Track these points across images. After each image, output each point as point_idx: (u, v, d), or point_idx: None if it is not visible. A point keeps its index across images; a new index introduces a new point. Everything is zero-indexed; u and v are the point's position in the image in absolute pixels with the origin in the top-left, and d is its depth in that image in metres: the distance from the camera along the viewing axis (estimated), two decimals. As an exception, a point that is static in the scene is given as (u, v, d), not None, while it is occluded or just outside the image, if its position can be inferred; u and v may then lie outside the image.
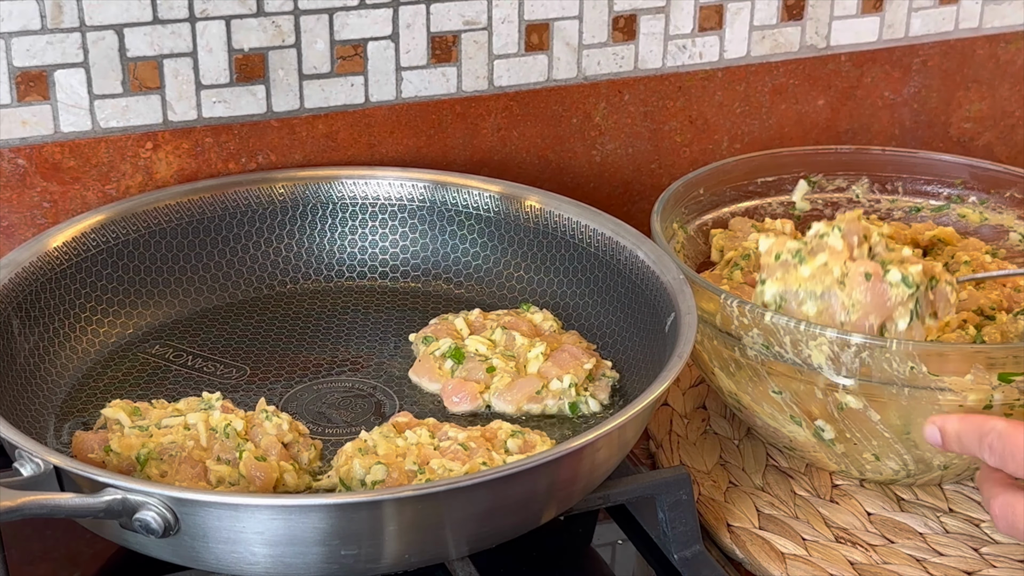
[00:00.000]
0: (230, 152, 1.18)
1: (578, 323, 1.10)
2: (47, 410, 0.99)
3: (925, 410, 0.94)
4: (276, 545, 0.80)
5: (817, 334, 0.93)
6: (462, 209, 1.16)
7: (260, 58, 1.15)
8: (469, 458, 0.90)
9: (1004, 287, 1.08)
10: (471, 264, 1.16)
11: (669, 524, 0.94)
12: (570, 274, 1.12)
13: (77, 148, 1.13)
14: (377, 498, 0.80)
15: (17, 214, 1.13)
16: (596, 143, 1.29)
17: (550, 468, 0.83)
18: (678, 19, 1.27)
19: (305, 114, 1.19)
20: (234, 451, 0.90)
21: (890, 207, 1.21)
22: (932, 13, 1.37)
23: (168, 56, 1.13)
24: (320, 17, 1.16)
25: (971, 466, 1.00)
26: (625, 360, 1.05)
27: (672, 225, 1.12)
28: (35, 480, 0.81)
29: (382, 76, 1.20)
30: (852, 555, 0.97)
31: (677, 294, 0.99)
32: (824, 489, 1.04)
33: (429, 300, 1.15)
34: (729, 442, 1.09)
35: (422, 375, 1.04)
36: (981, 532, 1.00)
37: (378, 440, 0.92)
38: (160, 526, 0.78)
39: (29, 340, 1.01)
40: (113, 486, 0.79)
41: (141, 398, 0.98)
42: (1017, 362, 0.92)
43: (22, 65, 1.09)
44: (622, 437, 0.89)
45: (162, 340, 1.08)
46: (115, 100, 1.13)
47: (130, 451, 0.89)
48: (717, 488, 1.03)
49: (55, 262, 1.04)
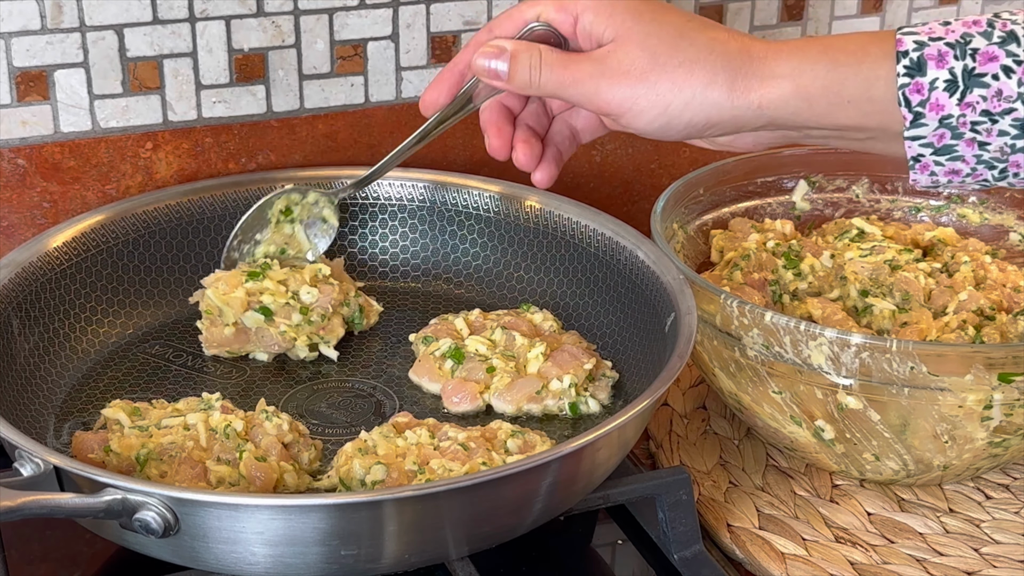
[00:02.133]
0: (230, 152, 1.18)
1: (578, 323, 1.10)
2: (47, 410, 0.99)
3: (925, 410, 0.94)
4: (276, 545, 0.80)
5: (817, 334, 0.93)
6: (462, 209, 1.16)
7: (260, 58, 1.15)
8: (469, 458, 0.90)
9: (1004, 287, 1.08)
10: (471, 264, 1.16)
11: (669, 524, 0.94)
12: (570, 274, 1.12)
13: (77, 148, 1.13)
14: (377, 498, 0.80)
15: (17, 214, 1.13)
16: (596, 143, 1.29)
17: (550, 468, 0.83)
18: (678, 19, 1.27)
19: (305, 114, 1.19)
20: (234, 451, 0.90)
21: (890, 207, 1.21)
22: (932, 13, 1.37)
23: (168, 56, 1.13)
24: (320, 17, 1.16)
25: (971, 466, 1.00)
26: (625, 360, 1.05)
27: (672, 225, 1.12)
28: (35, 480, 0.81)
29: (382, 76, 1.20)
30: (852, 555, 0.97)
31: (677, 294, 0.99)
32: (824, 489, 1.04)
33: (429, 300, 1.15)
34: (729, 442, 1.09)
35: (422, 375, 1.04)
36: (981, 532, 1.00)
37: (378, 440, 0.92)
38: (160, 526, 0.78)
39: (29, 340, 1.01)
40: (113, 486, 0.79)
41: (141, 398, 0.98)
42: (1017, 362, 0.92)
43: (22, 65, 1.09)
44: (622, 437, 0.89)
45: (162, 340, 1.08)
46: (115, 100, 1.13)
47: (130, 451, 0.89)
48: (717, 488, 1.03)
49: (55, 262, 1.04)
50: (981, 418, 0.94)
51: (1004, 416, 0.94)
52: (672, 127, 0.80)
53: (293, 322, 1.05)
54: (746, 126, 0.81)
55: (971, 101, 0.75)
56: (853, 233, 1.15)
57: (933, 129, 0.76)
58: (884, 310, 1.05)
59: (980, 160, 0.76)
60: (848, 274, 1.08)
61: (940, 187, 0.79)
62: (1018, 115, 0.74)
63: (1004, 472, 1.07)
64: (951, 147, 0.76)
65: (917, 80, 0.75)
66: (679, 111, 0.79)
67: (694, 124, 0.80)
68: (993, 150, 0.76)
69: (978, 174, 0.77)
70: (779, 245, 1.12)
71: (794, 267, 1.10)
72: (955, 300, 1.05)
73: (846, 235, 1.15)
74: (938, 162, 0.77)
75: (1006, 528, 1.01)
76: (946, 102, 0.75)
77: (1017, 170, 0.76)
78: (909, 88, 0.75)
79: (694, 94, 0.79)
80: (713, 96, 0.79)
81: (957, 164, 0.77)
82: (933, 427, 0.95)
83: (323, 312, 1.06)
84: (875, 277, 1.07)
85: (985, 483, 1.05)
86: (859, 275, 1.07)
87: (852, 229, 1.15)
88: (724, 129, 0.82)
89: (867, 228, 1.15)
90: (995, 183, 0.78)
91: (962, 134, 0.75)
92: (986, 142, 0.75)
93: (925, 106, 0.76)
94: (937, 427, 0.95)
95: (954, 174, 0.77)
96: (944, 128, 0.76)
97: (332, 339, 1.07)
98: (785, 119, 0.80)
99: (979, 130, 0.75)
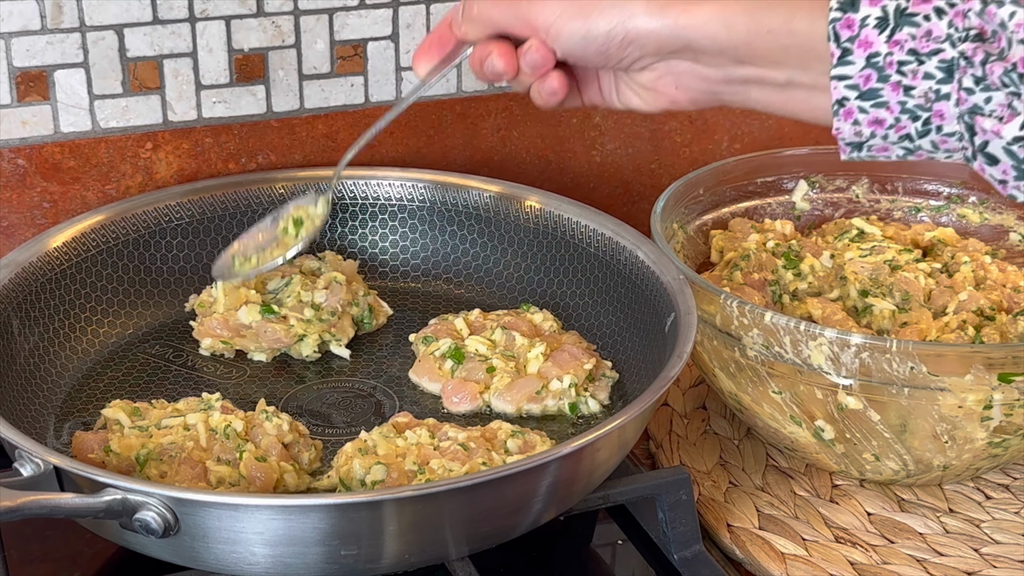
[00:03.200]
0: (230, 152, 1.18)
1: (578, 323, 1.10)
2: (47, 410, 0.99)
3: (925, 410, 0.94)
4: (276, 545, 0.80)
5: (817, 334, 0.93)
6: (462, 209, 1.16)
7: (260, 58, 1.15)
8: (469, 458, 0.90)
9: (1004, 287, 1.08)
10: (471, 264, 1.16)
11: (669, 524, 0.94)
12: (570, 274, 1.12)
13: (77, 148, 1.13)
14: (377, 498, 0.80)
15: (17, 214, 1.13)
16: (596, 143, 1.29)
17: (550, 468, 0.83)
18: (678, 19, 1.27)
19: (305, 114, 1.19)
20: (234, 452, 0.90)
21: (890, 207, 1.21)
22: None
23: (168, 56, 1.13)
24: (320, 17, 1.16)
25: (971, 466, 1.00)
26: (625, 360, 1.05)
27: (672, 225, 1.12)
28: (35, 480, 0.81)
29: (382, 76, 1.20)
30: (852, 555, 0.97)
31: (677, 294, 0.99)
32: (824, 489, 1.04)
33: (429, 300, 1.15)
34: (729, 442, 1.09)
35: (422, 375, 1.04)
36: (981, 532, 1.00)
37: (378, 440, 0.92)
38: (160, 526, 0.78)
39: (29, 340, 1.01)
40: (113, 486, 0.79)
41: (141, 398, 0.98)
42: (1017, 362, 0.92)
43: (22, 65, 1.09)
44: (622, 437, 0.89)
45: (162, 340, 1.08)
46: (115, 100, 1.13)
47: (130, 451, 0.89)
48: (717, 488, 1.03)
49: (55, 262, 1.04)
50: (981, 418, 0.94)
51: (1004, 416, 0.94)
52: (593, 34, 0.82)
53: (305, 317, 1.05)
54: (664, 47, 0.81)
55: (899, 39, 0.74)
56: (853, 233, 1.15)
57: (860, 68, 0.75)
58: (884, 310, 1.05)
59: (904, 108, 0.75)
60: (848, 274, 1.08)
61: (864, 143, 0.78)
62: (944, 56, 0.73)
63: (1004, 472, 1.07)
64: (876, 91, 0.75)
65: (849, 16, 0.75)
66: (597, 18, 0.82)
67: (614, 34, 0.82)
68: (918, 95, 0.75)
69: (901, 126, 0.76)
70: (779, 245, 1.12)
71: (794, 267, 1.10)
72: (955, 300, 1.05)
73: (846, 235, 1.15)
74: (862, 108, 0.76)
75: (1006, 528, 1.01)
76: (875, 39, 0.74)
77: (940, 122, 0.75)
78: (840, 23, 0.75)
79: (613, 2, 0.81)
80: (632, 7, 0.81)
81: (881, 112, 0.76)
82: (933, 427, 0.95)
83: (333, 311, 1.06)
84: (875, 277, 1.07)
85: (985, 483, 1.05)
86: (859, 275, 1.07)
87: (852, 229, 1.15)
88: (644, 49, 0.83)
89: (867, 228, 1.15)
90: (917, 140, 0.76)
91: (888, 76, 0.75)
92: (911, 86, 0.75)
93: (854, 42, 0.75)
94: (937, 427, 0.95)
95: (877, 124, 0.76)
96: (871, 68, 0.75)
97: (343, 338, 1.07)
98: (703, 44, 0.80)
99: (905, 71, 0.74)
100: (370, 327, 1.10)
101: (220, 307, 1.06)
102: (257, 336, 1.05)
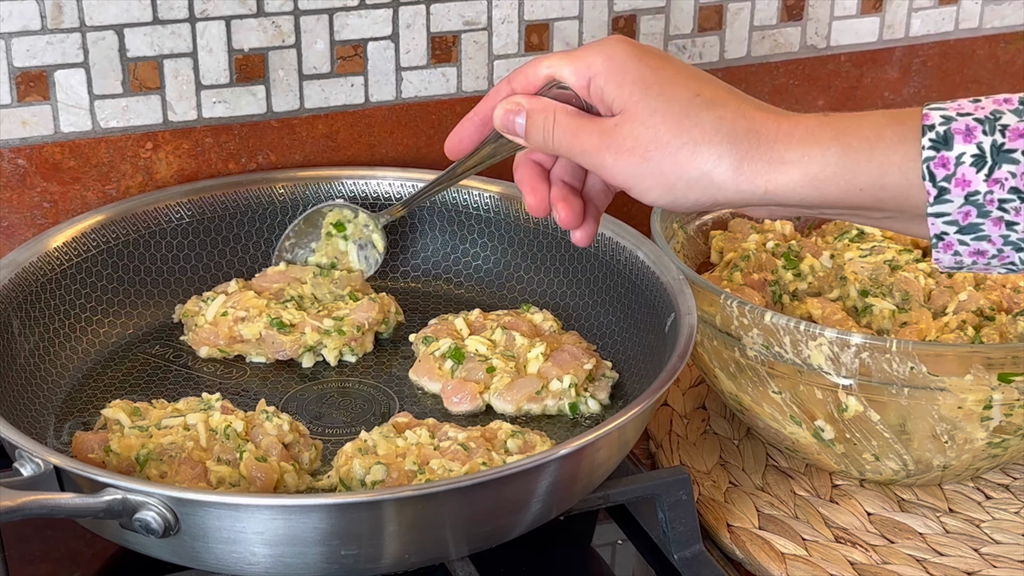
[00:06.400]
0: (230, 152, 1.18)
1: (578, 323, 1.10)
2: (47, 410, 0.99)
3: (925, 410, 0.94)
4: (276, 545, 0.80)
5: (817, 334, 0.93)
6: (462, 209, 1.16)
7: (260, 58, 1.16)
8: (469, 458, 0.90)
9: (1004, 288, 1.08)
10: (471, 264, 1.16)
11: (669, 524, 0.94)
12: (570, 274, 1.12)
13: (77, 148, 1.13)
14: (377, 498, 0.80)
15: (17, 214, 1.13)
16: (596, 143, 1.29)
17: (550, 468, 0.83)
18: (678, 19, 1.27)
19: (305, 114, 1.19)
20: (234, 452, 0.90)
21: (890, 207, 1.21)
22: (932, 13, 1.37)
23: (168, 56, 1.13)
24: (320, 17, 1.16)
25: (971, 466, 1.00)
26: (625, 360, 1.05)
27: (672, 225, 1.12)
28: (35, 480, 0.81)
29: (382, 76, 1.20)
30: (852, 555, 0.97)
31: (677, 294, 0.99)
32: (824, 489, 1.04)
33: (429, 300, 1.15)
34: (729, 442, 1.09)
35: (422, 375, 1.04)
36: (981, 532, 1.00)
37: (378, 440, 0.92)
38: (160, 526, 0.78)
39: (29, 340, 1.01)
40: (113, 486, 0.79)
41: (141, 398, 0.98)
42: (1016, 362, 0.92)
43: (22, 65, 1.09)
44: (622, 437, 0.90)
45: (162, 340, 1.08)
46: (115, 100, 1.13)
47: (130, 451, 0.89)
48: (717, 488, 1.03)
49: (55, 262, 1.04)
50: (981, 418, 0.94)
51: (1004, 416, 0.94)
52: (679, 204, 0.78)
53: (324, 327, 1.05)
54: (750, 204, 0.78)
55: (999, 177, 0.71)
56: (853, 233, 1.15)
57: (958, 206, 0.72)
58: (884, 310, 1.05)
59: (1007, 241, 0.73)
60: (848, 274, 1.08)
61: (964, 268, 0.76)
62: None
63: (1004, 472, 1.07)
64: (977, 226, 0.73)
65: (943, 154, 0.72)
66: (684, 191, 0.77)
67: (700, 203, 0.78)
68: (1021, 230, 0.72)
69: (1004, 256, 0.74)
70: (779, 246, 1.12)
71: (794, 267, 1.10)
72: (955, 300, 1.05)
73: (846, 235, 1.15)
74: (963, 241, 0.74)
75: (1006, 528, 1.01)
76: (973, 177, 0.72)
77: None
78: (934, 162, 0.72)
79: (699, 176, 0.76)
80: (718, 180, 0.76)
81: (983, 244, 0.73)
82: (933, 427, 0.95)
83: (359, 325, 1.06)
84: (875, 277, 1.07)
85: (985, 483, 1.05)
86: (859, 275, 1.07)
87: (852, 229, 1.15)
88: (733, 207, 0.81)
89: (867, 228, 1.15)
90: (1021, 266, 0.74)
91: (989, 212, 0.72)
92: (1014, 221, 0.72)
93: (950, 181, 0.72)
94: (937, 427, 0.95)
95: (979, 255, 0.74)
96: (970, 205, 0.72)
97: (360, 352, 1.07)
98: (794, 203, 0.77)
99: (1007, 208, 0.72)
100: (385, 336, 1.10)
101: (203, 320, 1.05)
102: (259, 344, 1.05)
